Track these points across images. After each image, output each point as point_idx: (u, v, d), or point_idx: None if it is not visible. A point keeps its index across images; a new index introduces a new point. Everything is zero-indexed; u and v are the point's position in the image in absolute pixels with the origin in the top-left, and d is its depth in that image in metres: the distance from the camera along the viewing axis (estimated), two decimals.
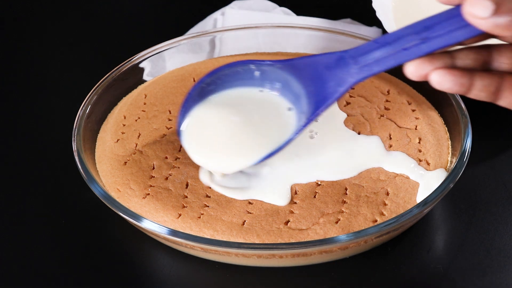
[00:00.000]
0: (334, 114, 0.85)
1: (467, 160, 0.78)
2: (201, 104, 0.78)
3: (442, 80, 0.66)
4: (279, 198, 0.78)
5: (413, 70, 0.66)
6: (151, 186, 0.80)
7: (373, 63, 0.70)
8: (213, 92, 0.78)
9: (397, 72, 0.89)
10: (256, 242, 0.76)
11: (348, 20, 1.01)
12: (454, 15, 0.66)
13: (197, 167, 0.81)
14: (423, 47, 0.66)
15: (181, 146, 0.83)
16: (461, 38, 0.66)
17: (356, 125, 0.84)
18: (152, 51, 0.91)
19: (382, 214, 0.77)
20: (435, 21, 0.67)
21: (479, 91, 0.67)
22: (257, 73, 0.78)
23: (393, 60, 0.68)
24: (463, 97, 0.84)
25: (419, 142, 0.82)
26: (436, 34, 0.66)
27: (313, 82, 0.74)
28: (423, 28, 0.67)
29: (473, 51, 0.67)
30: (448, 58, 0.67)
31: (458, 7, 0.65)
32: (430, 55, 0.66)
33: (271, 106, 0.78)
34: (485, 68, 0.67)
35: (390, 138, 0.83)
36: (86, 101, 0.85)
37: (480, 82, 0.66)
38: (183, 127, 0.77)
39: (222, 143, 0.77)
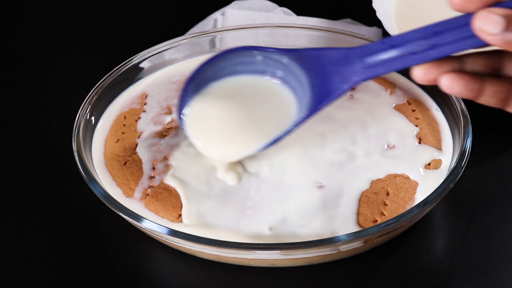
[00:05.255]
0: (334, 113, 0.85)
1: (467, 160, 0.77)
2: (201, 91, 0.77)
3: (452, 84, 0.64)
4: (279, 198, 0.78)
5: (421, 74, 0.65)
6: (151, 186, 0.80)
7: (379, 64, 0.69)
8: (214, 79, 0.77)
9: (397, 71, 0.89)
10: (257, 242, 0.76)
11: (348, 20, 1.01)
12: (464, 23, 0.64)
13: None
14: (431, 53, 0.65)
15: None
16: (471, 46, 0.64)
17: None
18: (152, 51, 0.91)
19: (382, 214, 0.77)
20: (445, 28, 0.65)
21: (489, 97, 0.65)
22: (259, 58, 0.76)
23: (399, 63, 0.67)
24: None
25: (419, 142, 0.82)
26: (445, 41, 0.64)
27: (317, 75, 0.72)
28: (432, 33, 0.65)
29: (482, 57, 0.66)
30: (457, 63, 0.65)
31: (469, 14, 0.63)
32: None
33: (272, 95, 0.77)
34: (495, 74, 0.66)
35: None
36: (86, 101, 0.85)
37: (490, 88, 0.65)
38: (185, 112, 0.77)
39: (222, 131, 0.76)
